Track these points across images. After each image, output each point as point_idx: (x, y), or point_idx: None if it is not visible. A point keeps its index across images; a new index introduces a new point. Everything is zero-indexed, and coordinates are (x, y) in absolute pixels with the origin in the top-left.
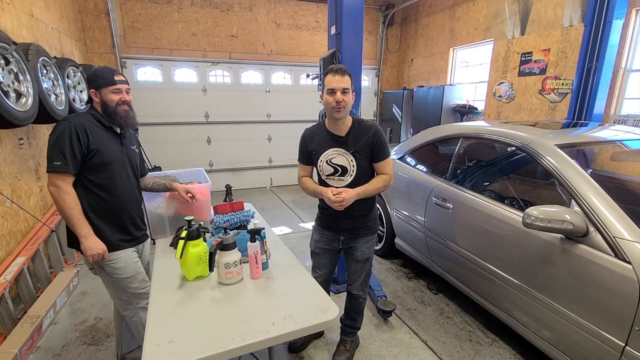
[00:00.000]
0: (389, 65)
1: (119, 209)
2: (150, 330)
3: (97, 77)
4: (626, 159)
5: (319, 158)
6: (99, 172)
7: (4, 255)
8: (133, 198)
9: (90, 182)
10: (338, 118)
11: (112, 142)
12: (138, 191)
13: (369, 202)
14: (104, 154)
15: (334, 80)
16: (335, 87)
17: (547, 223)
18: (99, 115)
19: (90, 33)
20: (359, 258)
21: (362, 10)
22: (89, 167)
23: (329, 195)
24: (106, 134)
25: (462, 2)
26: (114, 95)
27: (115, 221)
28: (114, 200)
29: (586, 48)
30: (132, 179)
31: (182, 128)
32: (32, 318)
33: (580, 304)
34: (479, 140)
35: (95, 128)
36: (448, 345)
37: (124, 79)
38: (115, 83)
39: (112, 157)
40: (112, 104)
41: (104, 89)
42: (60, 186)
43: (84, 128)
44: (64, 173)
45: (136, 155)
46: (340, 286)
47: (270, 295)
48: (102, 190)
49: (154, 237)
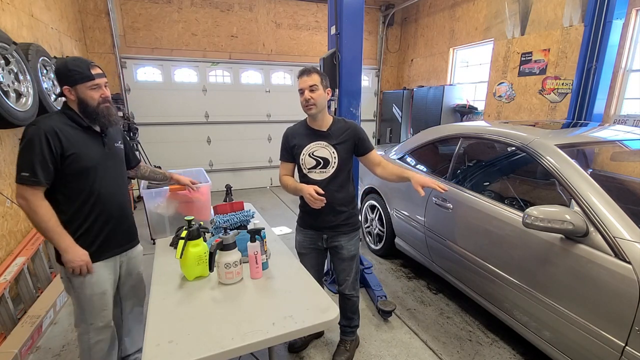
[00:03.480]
0: (389, 65)
1: (100, 217)
2: (150, 330)
3: (71, 71)
4: (626, 159)
5: (301, 152)
6: (78, 179)
7: (4, 255)
8: (119, 203)
9: (69, 190)
10: (310, 114)
11: (92, 143)
12: (126, 194)
13: (349, 193)
14: (83, 158)
15: (301, 81)
16: (303, 86)
17: (547, 223)
18: (75, 114)
19: (90, 33)
20: (345, 256)
21: (362, 10)
22: (67, 174)
23: (311, 192)
24: (84, 136)
25: (462, 2)
26: (93, 92)
27: (94, 231)
28: (96, 208)
29: (586, 48)
30: (119, 182)
31: (182, 128)
32: (32, 318)
33: (580, 304)
34: (479, 140)
35: (71, 130)
36: (448, 345)
37: (101, 72)
38: (93, 78)
39: (93, 161)
40: (93, 102)
41: (80, 86)
42: (29, 199)
43: (55, 132)
44: (33, 186)
45: (121, 152)
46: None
47: (270, 295)
48: (83, 198)
49: (154, 237)
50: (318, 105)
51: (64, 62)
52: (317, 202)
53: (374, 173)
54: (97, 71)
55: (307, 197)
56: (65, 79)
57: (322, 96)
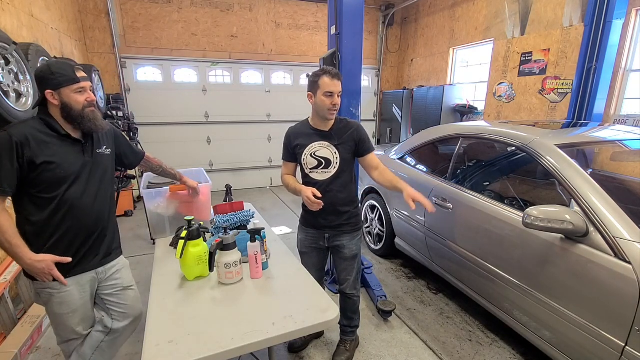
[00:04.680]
0: (389, 65)
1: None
2: (150, 330)
3: (54, 74)
4: (626, 159)
5: (303, 152)
6: (50, 188)
7: (4, 255)
8: (97, 214)
9: (40, 199)
10: (330, 119)
11: (69, 152)
12: (106, 204)
13: (352, 193)
14: (58, 168)
15: (332, 84)
16: (334, 90)
17: (547, 223)
18: (53, 121)
19: (90, 33)
20: (347, 255)
21: (362, 10)
22: (38, 184)
23: (308, 195)
24: (60, 144)
25: (462, 2)
26: (78, 95)
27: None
28: (67, 219)
29: (586, 48)
30: (99, 191)
31: (182, 128)
32: (32, 318)
33: (580, 304)
34: (479, 140)
35: (45, 138)
36: (448, 345)
37: (85, 75)
38: (78, 80)
39: (68, 171)
40: (78, 106)
41: (64, 89)
42: None
43: (26, 140)
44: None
45: (107, 158)
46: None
47: (270, 295)
48: (53, 207)
49: (154, 237)
50: (338, 110)
51: (46, 65)
52: (314, 205)
53: (370, 176)
54: (82, 74)
55: (305, 200)
56: (48, 82)
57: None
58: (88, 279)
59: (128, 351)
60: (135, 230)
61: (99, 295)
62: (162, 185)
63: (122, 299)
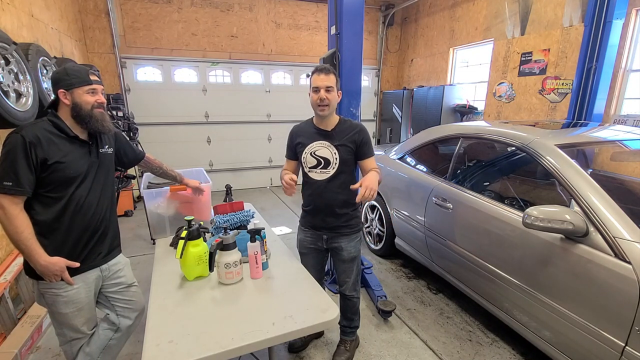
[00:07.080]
0: (389, 65)
1: (77, 227)
2: (150, 330)
3: (69, 75)
4: (626, 159)
5: (304, 150)
6: (60, 189)
7: (4, 255)
8: (101, 212)
9: (48, 198)
10: (322, 115)
11: (77, 152)
12: (108, 203)
13: (351, 195)
14: (67, 168)
15: (318, 78)
16: (320, 85)
17: (547, 223)
18: (62, 123)
19: (90, 33)
20: (346, 257)
21: (362, 10)
22: (47, 184)
23: (286, 179)
24: (69, 145)
25: (462, 2)
26: (89, 96)
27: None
28: (75, 218)
29: (586, 48)
30: (103, 190)
31: (182, 128)
32: (32, 318)
33: (580, 304)
34: (479, 140)
35: (55, 139)
36: (448, 345)
37: (99, 79)
38: (91, 82)
39: (77, 171)
40: (87, 106)
41: (77, 89)
42: (7, 208)
43: (38, 140)
44: (16, 195)
45: (109, 157)
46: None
47: (270, 295)
48: (61, 207)
49: (154, 237)
50: (331, 106)
51: (63, 67)
52: (288, 189)
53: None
54: (95, 78)
55: (282, 183)
56: (62, 82)
57: (335, 98)
58: (94, 277)
59: (128, 351)
60: (135, 230)
61: (103, 294)
62: (162, 185)
63: (127, 295)
